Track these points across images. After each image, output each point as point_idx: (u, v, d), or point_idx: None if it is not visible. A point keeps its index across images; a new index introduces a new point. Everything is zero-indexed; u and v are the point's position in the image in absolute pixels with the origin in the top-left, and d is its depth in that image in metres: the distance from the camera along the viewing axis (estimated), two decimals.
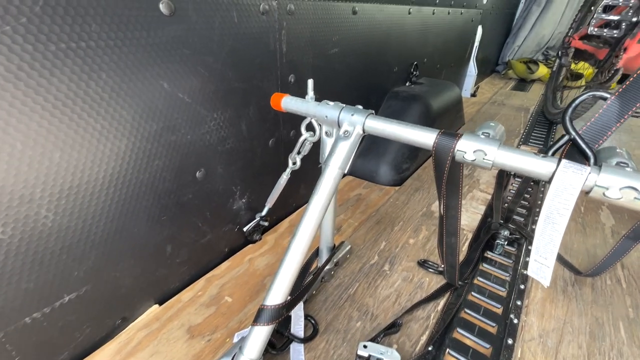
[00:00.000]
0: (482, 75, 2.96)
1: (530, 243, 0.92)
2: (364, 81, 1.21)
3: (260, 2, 0.69)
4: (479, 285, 0.79)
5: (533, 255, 0.42)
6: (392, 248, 0.89)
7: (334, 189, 0.54)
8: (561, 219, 0.37)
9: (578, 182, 0.36)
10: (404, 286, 0.77)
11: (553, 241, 0.39)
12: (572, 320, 0.70)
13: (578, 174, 0.36)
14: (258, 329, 0.51)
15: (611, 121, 0.40)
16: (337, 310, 0.71)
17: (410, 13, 1.32)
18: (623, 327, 0.68)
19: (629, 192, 0.35)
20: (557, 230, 0.38)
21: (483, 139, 0.44)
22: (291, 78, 0.85)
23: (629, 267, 0.84)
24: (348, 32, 1.00)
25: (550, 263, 0.41)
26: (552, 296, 0.75)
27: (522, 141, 1.64)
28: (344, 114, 0.55)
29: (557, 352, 0.63)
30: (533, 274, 0.43)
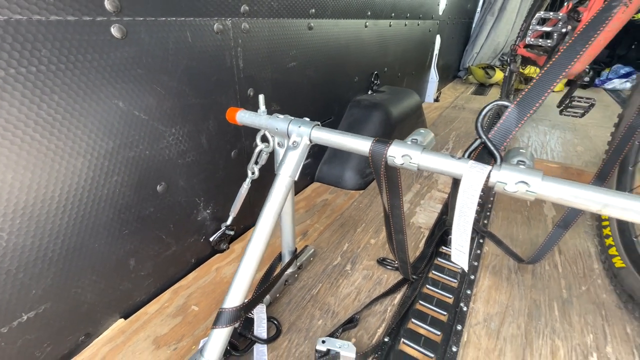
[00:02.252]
0: (444, 81, 3.13)
1: (481, 237, 1.00)
2: (325, 91, 1.27)
3: (214, 22, 0.73)
4: (433, 278, 0.85)
5: (453, 245, 0.48)
6: (354, 249, 0.94)
7: (286, 195, 0.59)
8: (470, 212, 0.43)
9: (480, 179, 0.42)
10: (364, 284, 0.82)
11: (466, 232, 0.45)
12: (513, 304, 0.77)
13: (481, 173, 0.42)
14: (217, 332, 0.54)
15: (512, 126, 0.47)
16: (300, 310, 0.75)
17: (366, 26, 1.40)
18: (557, 307, 0.76)
19: (522, 186, 0.41)
20: (467, 222, 0.44)
21: (409, 144, 0.50)
22: (250, 92, 0.89)
23: (565, 253, 0.94)
24: (305, 46, 1.06)
25: (466, 250, 0.47)
26: (497, 284, 0.83)
27: None
28: (292, 125, 0.59)
29: (499, 333, 0.70)
30: (455, 260, 0.48)
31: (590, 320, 0.73)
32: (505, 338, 0.69)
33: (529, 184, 0.41)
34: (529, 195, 0.41)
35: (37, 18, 0.47)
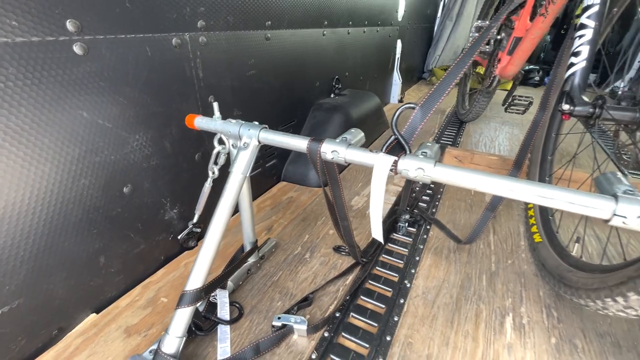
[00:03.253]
0: (409, 82, 3.29)
1: (428, 224, 1.12)
2: (287, 96, 1.36)
3: (172, 37, 0.81)
4: (382, 261, 0.95)
5: (372, 222, 0.58)
6: (314, 239, 1.03)
7: (238, 190, 0.67)
8: (379, 196, 0.54)
9: (386, 167, 0.52)
10: (321, 269, 0.91)
11: (378, 213, 0.55)
12: (449, 278, 0.88)
13: (387, 162, 0.52)
14: (180, 311, 0.61)
15: (417, 123, 0.57)
16: (261, 295, 0.83)
17: (324, 35, 1.50)
18: (485, 278, 0.88)
19: (420, 172, 0.51)
20: (378, 205, 0.54)
21: (338, 142, 0.59)
22: (211, 99, 0.97)
23: (499, 233, 1.07)
24: (263, 55, 1.14)
25: (379, 228, 0.57)
26: (437, 262, 0.94)
27: (435, 140, 1.90)
28: (243, 129, 0.67)
29: (434, 303, 0.81)
30: (374, 235, 0.59)
31: (511, 287, 0.86)
32: (439, 306, 0.80)
33: (424, 169, 0.51)
34: (426, 178, 0.52)
35: (3, 40, 0.54)
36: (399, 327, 0.74)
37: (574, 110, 0.76)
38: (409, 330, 0.74)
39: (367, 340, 0.71)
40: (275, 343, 0.69)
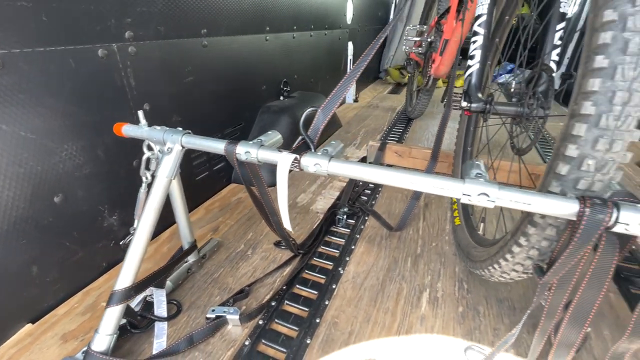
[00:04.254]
0: (365, 82, 3.42)
1: (367, 215, 1.21)
2: (232, 100, 1.40)
3: (97, 48, 0.83)
4: (320, 252, 1.02)
5: (282, 215, 0.65)
6: (258, 236, 1.09)
7: (164, 193, 0.71)
8: (283, 189, 0.60)
9: (286, 165, 0.58)
10: (261, 263, 0.97)
11: (284, 205, 0.62)
12: (378, 263, 0.97)
13: (288, 160, 0.59)
14: (110, 310, 0.64)
15: (320, 124, 0.64)
16: (201, 292, 0.87)
17: (267, 40, 1.56)
18: (410, 261, 0.98)
19: (317, 167, 0.58)
20: (283, 197, 0.61)
21: (251, 144, 0.65)
22: (146, 106, 0.99)
23: (428, 220, 1.18)
24: (202, 62, 1.18)
25: (287, 218, 0.64)
26: (369, 249, 1.03)
27: (383, 136, 2.01)
28: (167, 134, 0.72)
29: (361, 286, 0.89)
30: (285, 226, 0.65)
31: (432, 266, 0.96)
32: (365, 288, 0.88)
33: (320, 165, 0.58)
34: (322, 172, 0.59)
35: None
36: (327, 310, 0.81)
37: (471, 106, 0.87)
38: (336, 312, 0.81)
39: (298, 324, 0.78)
40: (210, 333, 0.73)
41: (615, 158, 0.44)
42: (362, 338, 0.74)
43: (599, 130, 0.43)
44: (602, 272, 0.47)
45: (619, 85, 0.41)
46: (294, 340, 0.74)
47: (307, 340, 0.74)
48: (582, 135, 0.44)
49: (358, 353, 0.71)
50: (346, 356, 0.70)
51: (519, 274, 0.64)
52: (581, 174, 0.46)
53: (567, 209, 0.45)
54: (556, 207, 0.46)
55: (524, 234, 0.56)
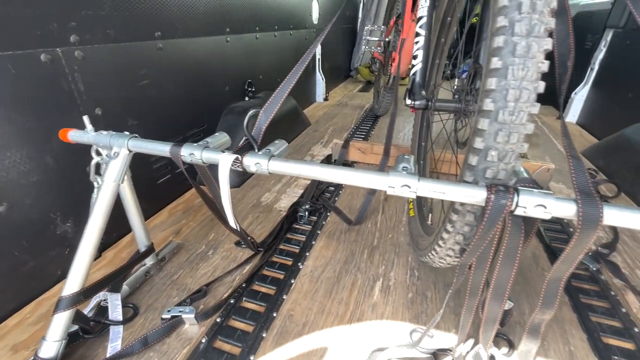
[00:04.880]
0: (335, 81, 3.46)
1: (328, 211, 1.24)
2: (194, 103, 1.39)
3: (39, 53, 0.81)
4: (281, 249, 1.05)
5: (227, 214, 0.67)
6: (219, 237, 1.10)
7: (111, 198, 0.71)
8: (225, 188, 0.62)
9: (227, 165, 0.61)
10: (221, 263, 0.98)
11: (227, 203, 0.64)
12: (335, 256, 1.01)
13: (228, 160, 0.61)
14: (57, 316, 0.64)
15: (262, 125, 0.67)
16: (159, 294, 0.88)
17: (228, 41, 1.56)
18: (367, 252, 1.02)
19: (258, 166, 0.61)
20: (226, 196, 0.63)
21: (196, 146, 0.67)
22: (98, 111, 0.98)
23: (386, 213, 1.23)
24: (158, 65, 1.17)
25: (231, 216, 0.66)
26: (329, 244, 1.06)
27: (350, 134, 2.06)
28: (113, 139, 0.72)
29: (318, 279, 0.92)
30: (231, 223, 0.67)
31: (386, 257, 1.00)
32: (322, 281, 0.91)
33: (261, 164, 0.61)
34: (264, 171, 0.61)
35: None
36: (284, 304, 0.84)
37: (414, 104, 0.92)
38: (292, 305, 0.84)
39: (255, 319, 0.80)
40: (165, 333, 0.75)
41: (514, 149, 0.49)
42: (316, 328, 0.78)
43: (498, 124, 0.48)
44: (512, 251, 0.53)
45: (511, 84, 0.46)
46: (249, 334, 0.76)
47: (263, 334, 0.76)
48: (486, 129, 0.49)
49: (310, 342, 0.74)
50: (299, 346, 0.73)
51: (453, 258, 0.69)
52: (488, 164, 0.51)
53: (477, 196, 0.50)
54: (468, 194, 0.50)
55: (450, 221, 0.61)
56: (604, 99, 2.03)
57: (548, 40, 0.45)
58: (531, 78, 0.45)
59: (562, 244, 1.08)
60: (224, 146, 0.73)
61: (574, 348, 0.73)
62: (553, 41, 0.47)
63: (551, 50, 0.46)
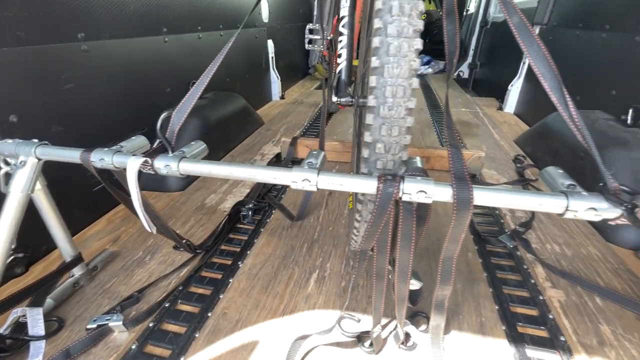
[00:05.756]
0: (292, 79, 3.47)
1: (273, 209, 1.26)
2: (132, 105, 1.35)
3: None
4: (222, 249, 1.05)
5: (141, 219, 0.67)
6: (158, 242, 1.08)
7: (20, 210, 0.69)
8: (134, 192, 0.62)
9: (134, 168, 0.61)
10: (158, 267, 0.97)
11: (138, 207, 0.64)
12: (275, 252, 1.03)
13: (136, 163, 0.61)
14: None
15: (175, 126, 0.67)
16: (88, 304, 0.85)
17: (167, 42, 1.52)
18: (306, 246, 1.05)
19: (168, 168, 0.61)
20: (136, 200, 0.63)
21: (105, 150, 0.66)
22: (13, 118, 0.93)
23: (329, 207, 1.26)
24: (84, 68, 1.13)
25: (145, 219, 0.66)
26: (270, 241, 1.08)
27: (303, 132, 2.08)
28: (18, 147, 0.69)
29: (255, 276, 0.94)
30: (145, 227, 0.67)
31: (325, 249, 1.04)
32: (259, 277, 0.93)
33: (171, 166, 0.61)
34: (175, 173, 0.62)
35: None
36: (219, 303, 0.85)
37: (340, 101, 0.95)
38: (227, 303, 0.85)
39: (188, 320, 0.81)
40: (90, 343, 0.73)
41: (398, 141, 0.54)
42: (248, 324, 0.79)
43: (381, 119, 0.52)
44: (407, 235, 0.57)
45: (388, 81, 0.50)
46: (181, 336, 0.77)
47: (196, 335, 0.77)
48: (372, 124, 0.53)
49: (242, 338, 0.76)
50: (230, 343, 0.75)
51: None
52: (377, 156, 0.55)
53: (369, 186, 0.54)
54: (361, 185, 0.54)
55: (357, 210, 0.65)
56: (534, 91, 2.21)
57: (418, 40, 0.49)
58: (405, 75, 0.49)
59: (487, 226, 1.17)
60: (140, 149, 0.72)
61: (485, 319, 0.80)
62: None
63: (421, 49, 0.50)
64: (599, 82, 1.54)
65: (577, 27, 1.77)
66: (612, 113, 1.41)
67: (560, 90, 0.54)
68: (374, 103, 0.51)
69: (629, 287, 0.90)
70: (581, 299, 0.86)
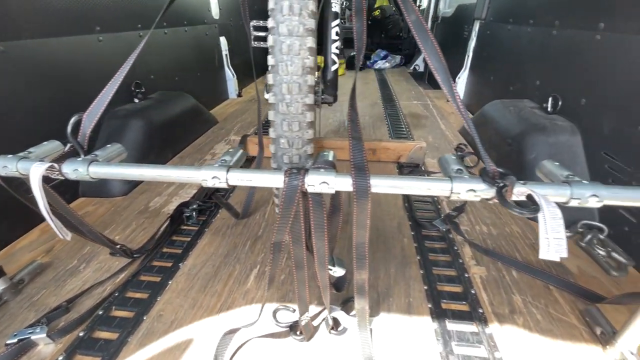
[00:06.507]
0: (252, 76, 3.43)
1: (219, 208, 1.25)
2: (63, 110, 1.28)
3: None
4: (163, 252, 1.04)
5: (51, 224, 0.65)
6: (95, 249, 1.05)
7: None
8: (40, 200, 0.61)
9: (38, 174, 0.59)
10: (93, 275, 0.94)
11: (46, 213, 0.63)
12: (217, 251, 1.03)
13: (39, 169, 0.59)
14: None
15: (87, 129, 0.65)
16: (12, 319, 0.81)
17: (101, 41, 1.46)
18: (249, 243, 1.06)
19: (77, 172, 0.60)
20: (42, 207, 0.62)
21: (10, 157, 0.63)
22: None
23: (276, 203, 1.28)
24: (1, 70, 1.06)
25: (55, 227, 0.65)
26: (213, 240, 1.08)
27: (255, 130, 2.07)
28: None
29: (195, 276, 0.94)
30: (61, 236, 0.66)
31: (267, 245, 1.05)
32: (198, 277, 0.93)
33: (80, 170, 0.60)
34: (85, 177, 0.61)
35: None
36: (155, 305, 0.84)
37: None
38: (163, 305, 0.84)
39: (122, 326, 0.79)
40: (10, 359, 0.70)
41: (300, 136, 0.56)
42: (184, 324, 0.80)
43: (281, 115, 0.54)
44: (319, 225, 0.60)
45: (284, 79, 0.52)
46: (113, 342, 0.75)
47: (128, 339, 0.76)
48: (274, 120, 0.55)
49: (176, 338, 0.76)
50: (163, 344, 0.75)
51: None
52: (283, 151, 0.57)
53: (277, 180, 0.56)
54: (270, 179, 0.56)
55: (277, 204, 0.67)
56: (477, 82, 2.34)
57: (309, 38, 0.51)
58: (298, 72, 0.51)
59: (426, 212, 1.24)
60: (53, 154, 0.70)
61: (413, 299, 0.86)
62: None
63: (314, 47, 0.53)
64: (527, 73, 1.66)
65: (508, 22, 1.89)
66: (538, 102, 1.53)
67: (449, 83, 0.59)
68: (274, 100, 0.53)
69: (543, 260, 0.99)
70: (500, 273, 0.94)
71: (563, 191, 0.51)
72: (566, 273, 0.94)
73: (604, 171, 1.10)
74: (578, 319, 0.80)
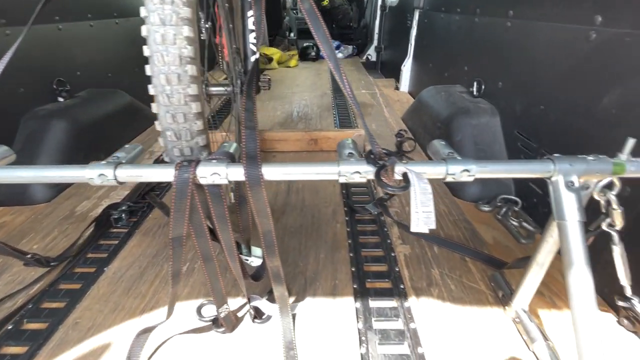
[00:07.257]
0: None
1: (153, 207, 1.21)
2: None
3: None
4: (86, 257, 0.99)
5: None
6: (8, 261, 0.97)
7: None
8: None
9: None
10: (4, 289, 0.88)
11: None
12: (146, 252, 1.00)
13: None
14: None
15: None
16: None
17: (8, 35, 1.33)
18: None
19: None
20: None
21: None
22: None
23: None
24: None
25: None
26: (142, 241, 1.04)
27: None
28: None
29: (119, 278, 0.90)
30: None
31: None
32: (123, 280, 0.90)
33: None
34: None
35: None
36: (72, 314, 0.81)
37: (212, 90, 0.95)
38: (81, 312, 0.81)
39: (33, 339, 0.75)
40: None
41: (187, 127, 0.55)
42: (102, 329, 0.77)
43: (164, 107, 0.53)
44: (221, 216, 0.60)
45: (162, 69, 0.50)
46: (20, 356, 0.71)
47: (39, 351, 0.72)
48: (158, 112, 0.53)
49: (92, 344, 0.73)
50: (78, 352, 0.72)
51: None
52: (173, 144, 0.56)
53: (167, 175, 0.55)
54: (159, 174, 0.55)
55: None
56: (419, 69, 2.42)
57: (185, 27, 0.50)
58: (176, 63, 0.50)
59: (361, 197, 1.28)
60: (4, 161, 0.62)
61: (339, 281, 0.89)
62: None
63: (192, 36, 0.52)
64: (458, 59, 1.75)
65: (441, 10, 1.97)
66: (466, 86, 1.62)
67: (339, 70, 0.60)
68: (154, 92, 0.52)
69: (462, 234, 1.06)
70: (423, 250, 1.00)
71: (440, 169, 0.54)
72: (482, 244, 1.02)
73: (517, 149, 1.19)
74: (486, 285, 0.87)
